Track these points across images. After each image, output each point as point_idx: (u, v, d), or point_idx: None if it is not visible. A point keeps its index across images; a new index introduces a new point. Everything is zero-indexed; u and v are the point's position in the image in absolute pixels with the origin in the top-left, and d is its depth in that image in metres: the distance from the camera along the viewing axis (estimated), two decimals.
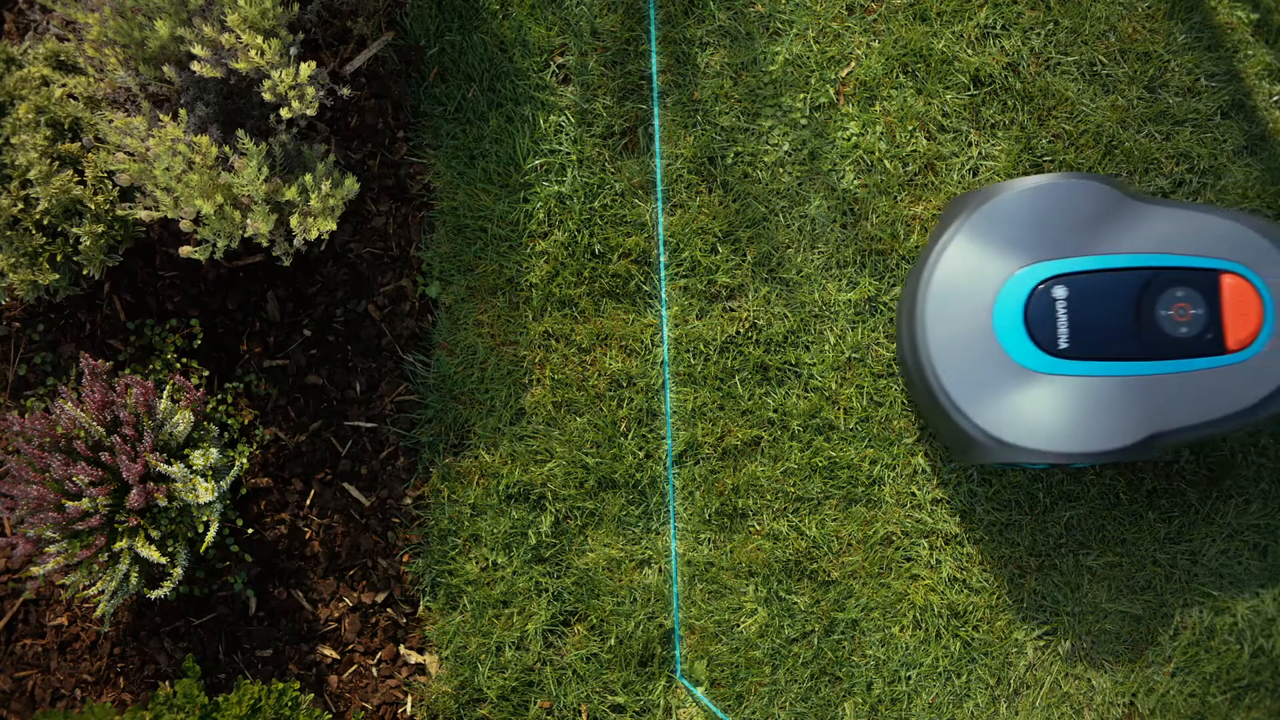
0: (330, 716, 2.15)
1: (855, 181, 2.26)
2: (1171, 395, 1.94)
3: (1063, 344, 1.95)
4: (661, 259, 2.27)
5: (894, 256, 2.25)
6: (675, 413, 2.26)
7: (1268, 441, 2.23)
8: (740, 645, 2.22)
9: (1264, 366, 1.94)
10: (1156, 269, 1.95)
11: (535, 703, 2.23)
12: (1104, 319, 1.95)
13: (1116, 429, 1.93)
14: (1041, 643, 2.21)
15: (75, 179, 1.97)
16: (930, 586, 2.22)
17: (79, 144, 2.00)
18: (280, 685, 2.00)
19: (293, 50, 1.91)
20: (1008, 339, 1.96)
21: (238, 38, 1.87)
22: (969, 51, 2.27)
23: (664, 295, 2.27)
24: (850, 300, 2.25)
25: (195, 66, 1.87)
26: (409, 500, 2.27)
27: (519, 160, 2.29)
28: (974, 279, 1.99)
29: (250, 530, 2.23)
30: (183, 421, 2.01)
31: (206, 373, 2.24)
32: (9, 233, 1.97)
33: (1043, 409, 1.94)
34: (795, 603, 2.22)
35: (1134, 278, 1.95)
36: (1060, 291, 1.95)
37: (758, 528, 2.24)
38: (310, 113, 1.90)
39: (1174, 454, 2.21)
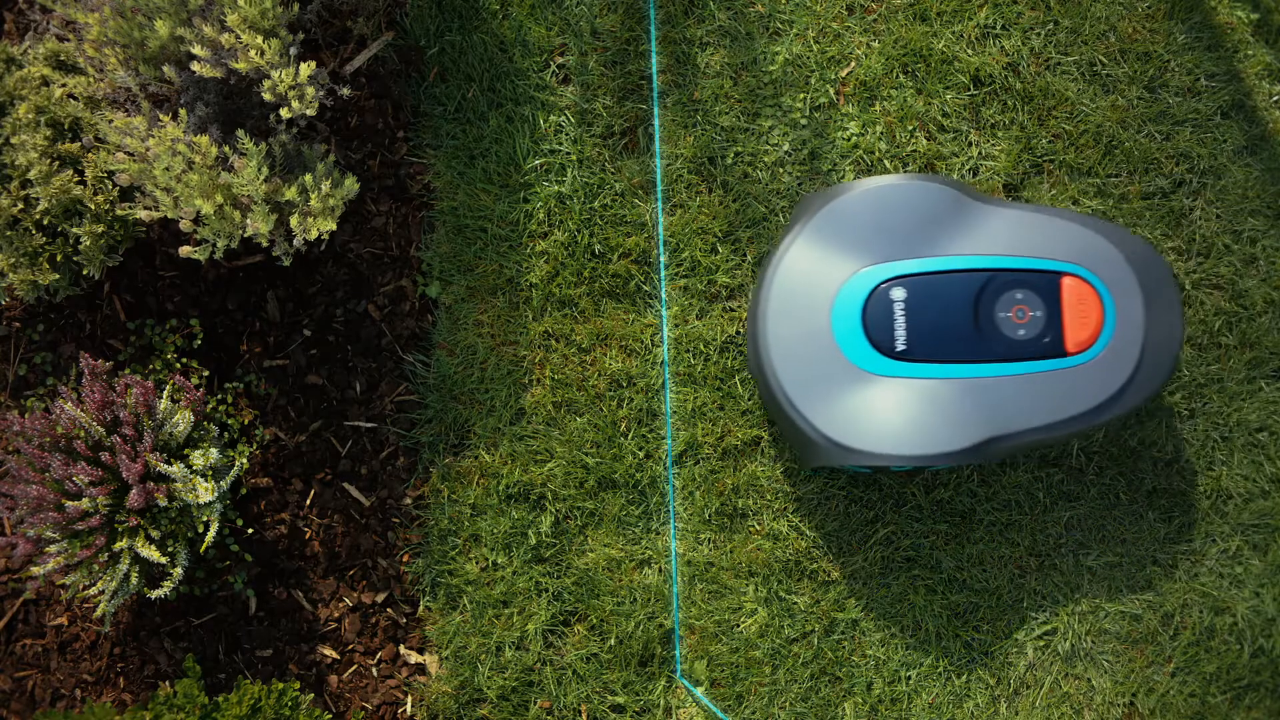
0: (330, 716, 2.15)
1: None
2: (1010, 398, 1.90)
3: (900, 346, 1.91)
4: (661, 259, 2.27)
5: None
6: (675, 413, 2.25)
7: (1268, 440, 2.23)
8: (740, 645, 2.22)
9: (1104, 370, 1.90)
10: (996, 270, 1.92)
11: (535, 703, 2.23)
12: (942, 321, 1.91)
13: (954, 432, 1.89)
14: (1041, 643, 2.21)
15: (75, 179, 1.97)
16: (930, 586, 2.22)
17: (79, 144, 2.00)
18: (280, 685, 2.00)
19: (293, 50, 1.91)
20: (845, 341, 1.93)
21: (237, 38, 1.87)
22: (969, 51, 2.26)
23: (664, 295, 2.27)
24: None
25: (195, 66, 1.87)
26: (409, 500, 2.27)
27: (519, 160, 2.29)
28: (814, 280, 1.95)
29: (250, 530, 2.23)
30: (183, 421, 2.01)
31: (206, 373, 2.24)
32: (9, 233, 1.97)
33: (880, 412, 1.91)
34: (795, 603, 2.22)
35: (973, 279, 1.91)
36: (899, 293, 1.91)
37: (758, 528, 2.24)
38: (310, 113, 1.89)
39: (1017, 458, 2.21)
